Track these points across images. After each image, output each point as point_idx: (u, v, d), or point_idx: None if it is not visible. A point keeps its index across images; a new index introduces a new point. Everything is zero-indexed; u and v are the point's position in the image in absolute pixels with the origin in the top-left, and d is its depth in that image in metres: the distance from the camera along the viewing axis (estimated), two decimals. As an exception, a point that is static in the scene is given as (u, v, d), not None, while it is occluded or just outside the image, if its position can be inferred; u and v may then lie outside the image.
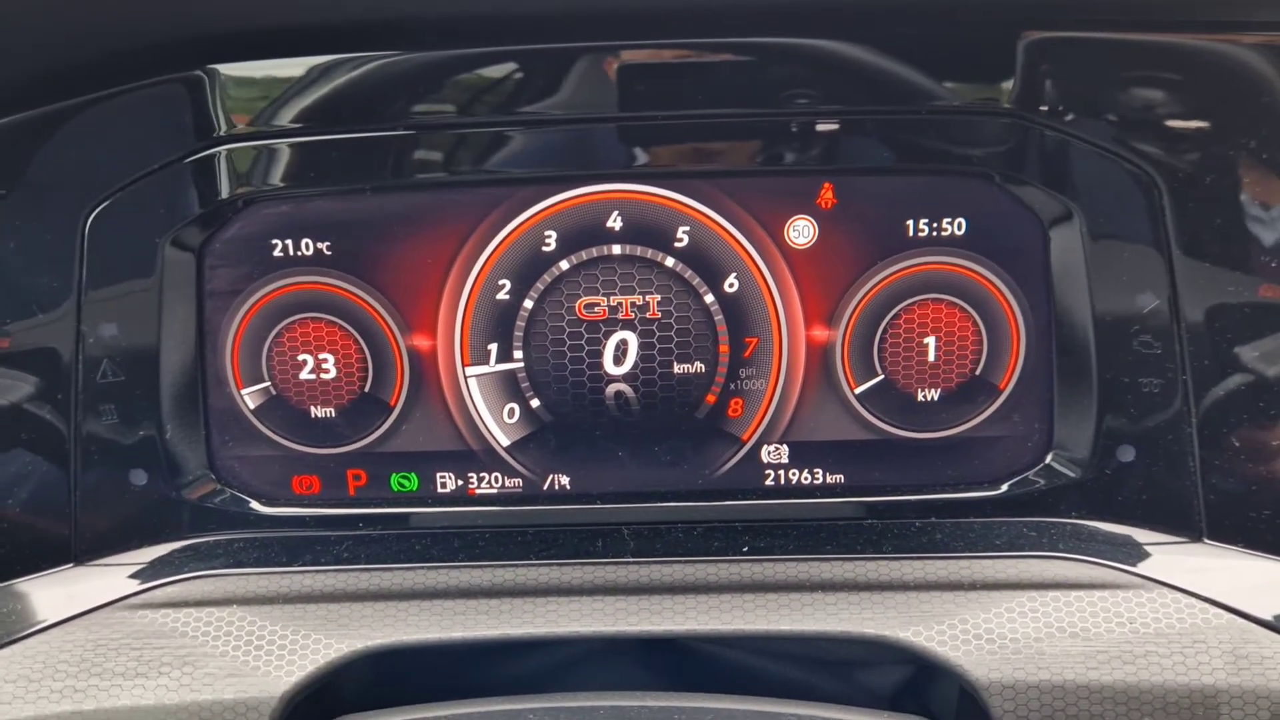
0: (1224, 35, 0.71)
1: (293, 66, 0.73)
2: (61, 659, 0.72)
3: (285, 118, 0.74)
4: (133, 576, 0.78)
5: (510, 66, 0.74)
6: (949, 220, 0.77)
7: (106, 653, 0.72)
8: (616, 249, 0.79)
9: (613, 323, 0.80)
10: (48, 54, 0.71)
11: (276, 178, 0.75)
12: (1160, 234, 0.74)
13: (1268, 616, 0.72)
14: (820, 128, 0.74)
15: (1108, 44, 0.72)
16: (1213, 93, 0.72)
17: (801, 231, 0.78)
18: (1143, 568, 0.75)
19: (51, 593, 0.77)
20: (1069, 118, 0.72)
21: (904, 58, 0.73)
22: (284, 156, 0.75)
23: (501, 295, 0.79)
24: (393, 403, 0.81)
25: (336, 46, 0.73)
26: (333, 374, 0.81)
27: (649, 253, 0.79)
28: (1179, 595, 0.73)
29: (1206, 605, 0.72)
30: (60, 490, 0.79)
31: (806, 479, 0.82)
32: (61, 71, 0.72)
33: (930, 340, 0.80)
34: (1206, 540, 0.77)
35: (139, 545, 0.80)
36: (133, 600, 0.76)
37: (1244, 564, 0.76)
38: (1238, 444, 0.76)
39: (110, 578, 0.78)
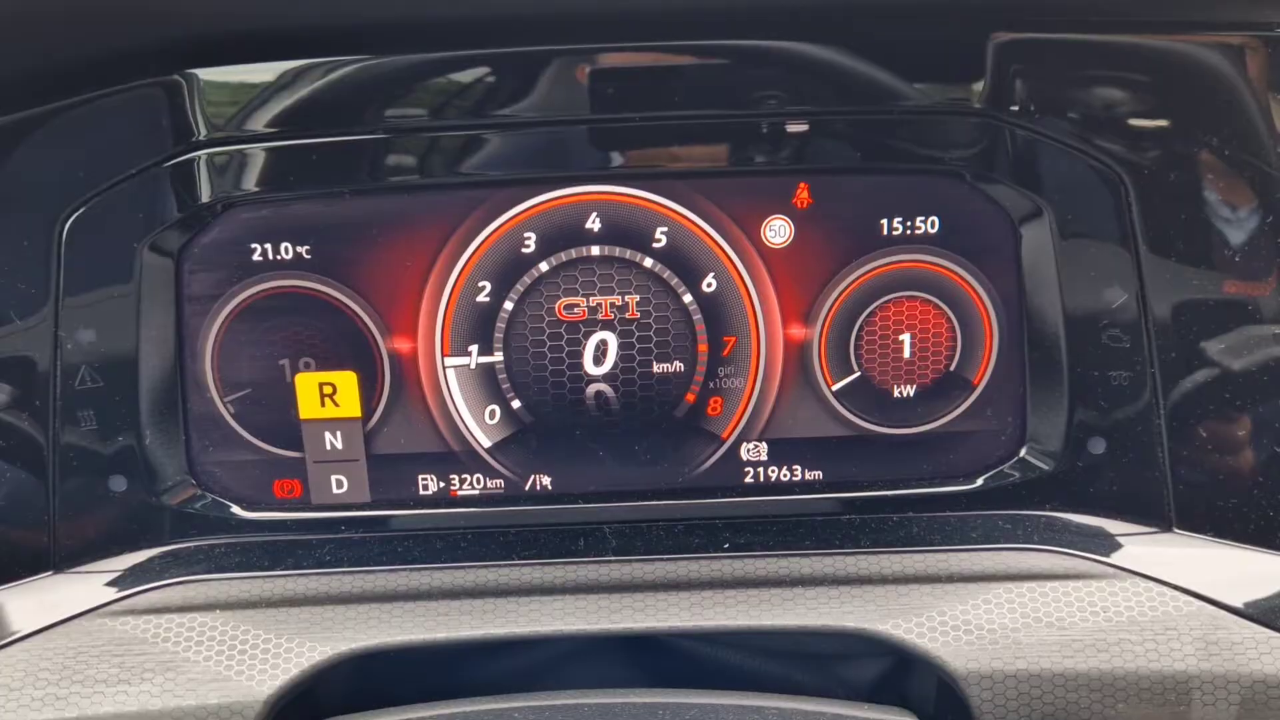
0: (1187, 35, 0.73)
1: (270, 71, 0.73)
2: (42, 667, 0.71)
3: (263, 122, 0.74)
4: (113, 583, 0.78)
5: (485, 70, 0.74)
6: (922, 219, 0.78)
7: (88, 660, 0.72)
8: (595, 250, 0.79)
9: (592, 323, 0.80)
10: (24, 59, 0.70)
11: (255, 182, 0.75)
12: (1128, 230, 0.75)
13: (1236, 603, 0.73)
14: (792, 129, 0.75)
15: (1075, 44, 0.73)
16: (1176, 92, 0.74)
17: (778, 231, 0.79)
18: (1115, 558, 0.77)
19: (30, 601, 0.77)
20: (1038, 117, 0.74)
21: (876, 59, 0.74)
22: (262, 160, 0.75)
23: (481, 297, 0.80)
24: (374, 405, 0.81)
25: (314, 51, 0.73)
26: (313, 377, 0.81)
27: (627, 253, 0.79)
28: (1150, 584, 0.74)
29: (1177, 593, 0.73)
30: (38, 498, 0.78)
31: (785, 476, 0.83)
32: (38, 76, 0.71)
33: (905, 337, 0.81)
34: (1176, 530, 0.79)
35: (119, 552, 0.79)
36: (114, 607, 0.75)
37: (1213, 553, 0.77)
38: (1205, 435, 0.78)
39: (90, 585, 0.78)
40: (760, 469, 0.83)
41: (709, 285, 0.80)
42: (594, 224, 0.79)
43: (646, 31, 0.74)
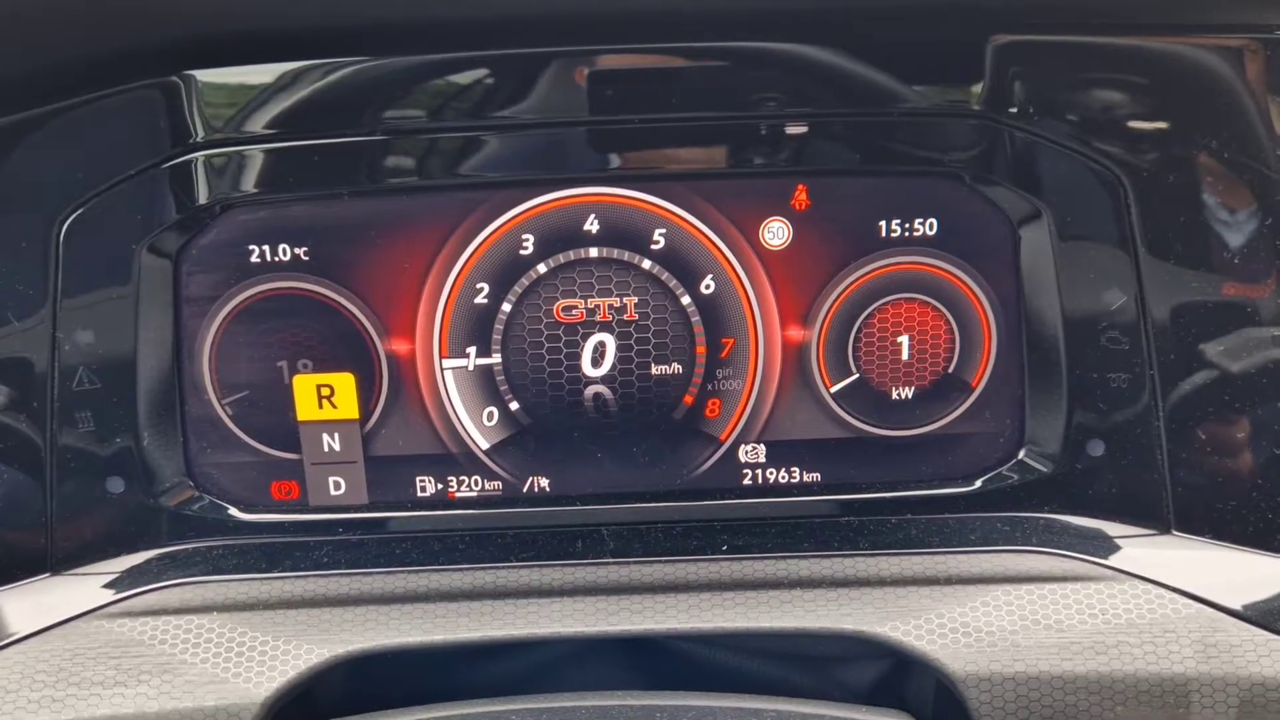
0: (1186, 38, 0.73)
1: (269, 72, 0.73)
2: (39, 669, 0.71)
3: (261, 123, 0.74)
4: (110, 585, 0.78)
5: (483, 71, 0.74)
6: (920, 220, 0.79)
7: (85, 662, 0.72)
8: (594, 252, 0.79)
9: (590, 325, 0.80)
10: (23, 60, 0.70)
11: (253, 183, 0.75)
12: (1126, 232, 0.75)
13: (1235, 606, 0.73)
14: (790, 130, 0.75)
15: (1074, 47, 0.73)
16: (1175, 94, 0.74)
17: (776, 233, 0.79)
18: (1113, 560, 0.76)
19: (27, 603, 0.77)
20: (1037, 119, 0.74)
21: (875, 61, 0.74)
22: (261, 162, 0.75)
23: (480, 299, 0.80)
24: (372, 407, 0.81)
25: (312, 52, 0.73)
26: (311, 379, 0.81)
27: (626, 255, 0.79)
28: (1149, 586, 0.74)
29: (1175, 596, 0.73)
30: (36, 499, 0.78)
31: (783, 478, 0.83)
32: (36, 77, 0.71)
33: (904, 339, 0.81)
34: (1175, 532, 0.79)
35: (116, 554, 0.79)
36: (111, 609, 0.75)
37: (1211, 555, 0.77)
38: (1204, 437, 0.78)
39: (87, 587, 0.77)
40: (758, 471, 0.83)
41: (707, 287, 0.80)
42: (592, 226, 0.79)
43: (645, 33, 0.74)
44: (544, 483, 0.83)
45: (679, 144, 0.77)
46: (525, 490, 0.83)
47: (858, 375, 0.82)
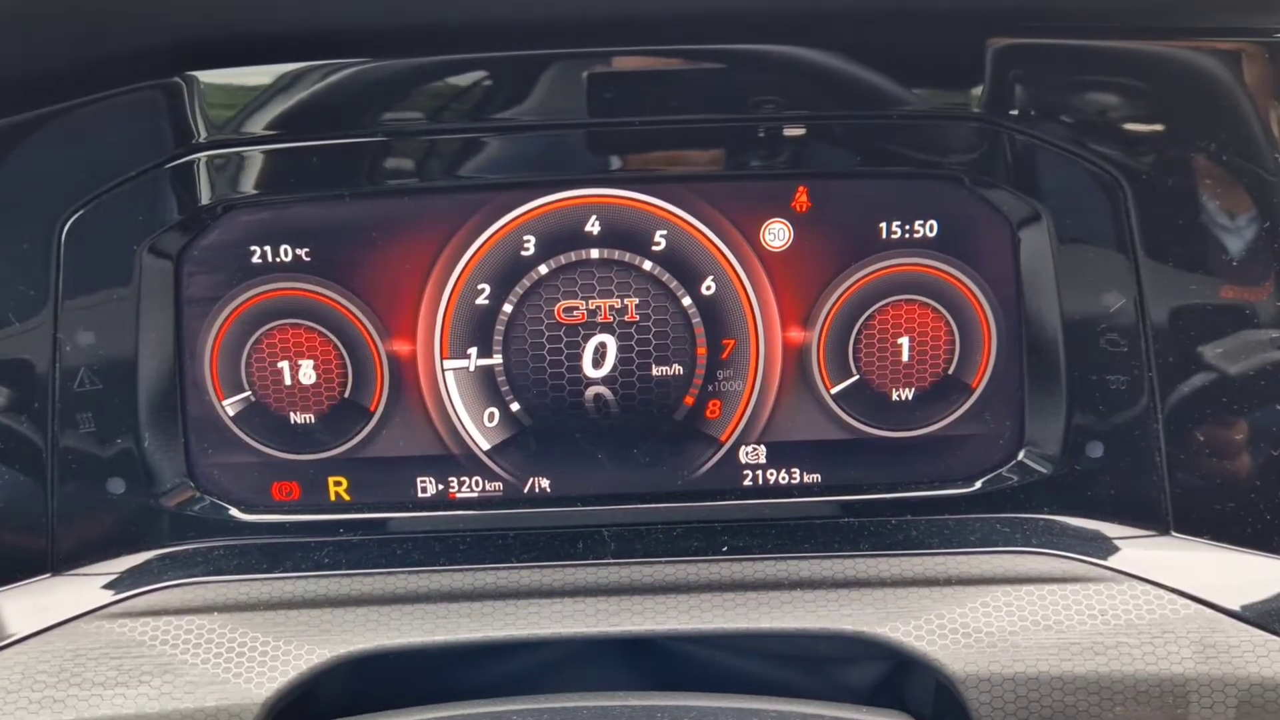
0: (1184, 41, 0.73)
1: (271, 73, 0.73)
2: (40, 669, 0.71)
3: (263, 124, 0.74)
4: (111, 586, 0.78)
5: (484, 73, 0.74)
6: (921, 222, 0.79)
7: (85, 662, 0.71)
8: (594, 253, 0.79)
9: (591, 326, 0.80)
10: (25, 61, 0.70)
11: (255, 184, 0.75)
12: (1125, 235, 0.76)
13: (1233, 606, 0.73)
14: (790, 132, 0.76)
15: (1074, 50, 0.73)
16: (1174, 97, 0.74)
17: (777, 234, 0.79)
18: (1112, 561, 0.77)
19: (28, 603, 0.77)
20: (1037, 122, 0.74)
21: (875, 64, 0.74)
22: (262, 163, 0.75)
23: (481, 300, 0.80)
24: (373, 408, 0.81)
25: (313, 53, 0.73)
26: (312, 380, 0.81)
27: (627, 256, 0.79)
28: (1148, 587, 0.74)
29: (1174, 596, 0.74)
30: (37, 500, 0.78)
31: (784, 479, 0.83)
32: (39, 78, 0.71)
33: (904, 340, 0.81)
34: (1174, 533, 0.79)
35: (117, 554, 0.79)
36: (112, 609, 0.75)
37: (1210, 556, 0.78)
38: (1202, 439, 0.78)
39: (88, 587, 0.77)
40: (759, 472, 0.83)
41: (708, 288, 0.80)
42: (593, 227, 0.79)
43: (645, 36, 0.74)
44: (545, 483, 0.83)
45: (680, 146, 0.77)
46: (526, 491, 0.83)
47: (858, 376, 0.82)
